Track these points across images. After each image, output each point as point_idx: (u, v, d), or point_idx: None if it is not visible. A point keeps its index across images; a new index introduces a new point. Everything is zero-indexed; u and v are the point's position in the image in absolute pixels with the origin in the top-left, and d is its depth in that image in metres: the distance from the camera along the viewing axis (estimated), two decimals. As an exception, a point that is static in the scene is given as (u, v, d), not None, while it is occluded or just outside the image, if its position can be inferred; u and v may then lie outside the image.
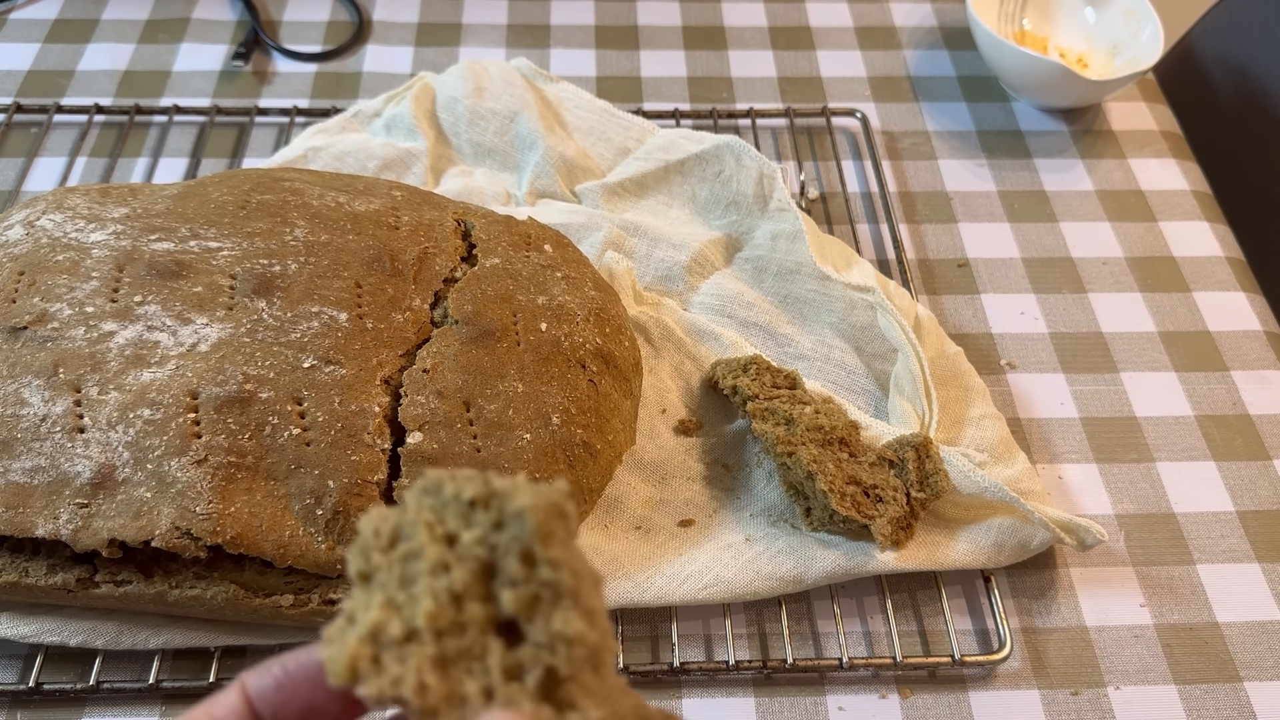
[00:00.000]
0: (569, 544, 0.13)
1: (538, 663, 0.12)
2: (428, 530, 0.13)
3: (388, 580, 0.13)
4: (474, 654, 0.13)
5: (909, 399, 0.31)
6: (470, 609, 0.13)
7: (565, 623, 0.12)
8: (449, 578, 0.13)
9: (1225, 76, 0.47)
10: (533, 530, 0.12)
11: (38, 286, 0.28)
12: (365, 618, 0.13)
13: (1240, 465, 0.33)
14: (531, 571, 0.13)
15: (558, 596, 0.12)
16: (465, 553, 0.13)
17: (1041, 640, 0.29)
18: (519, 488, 0.13)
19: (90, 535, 0.25)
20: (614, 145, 0.39)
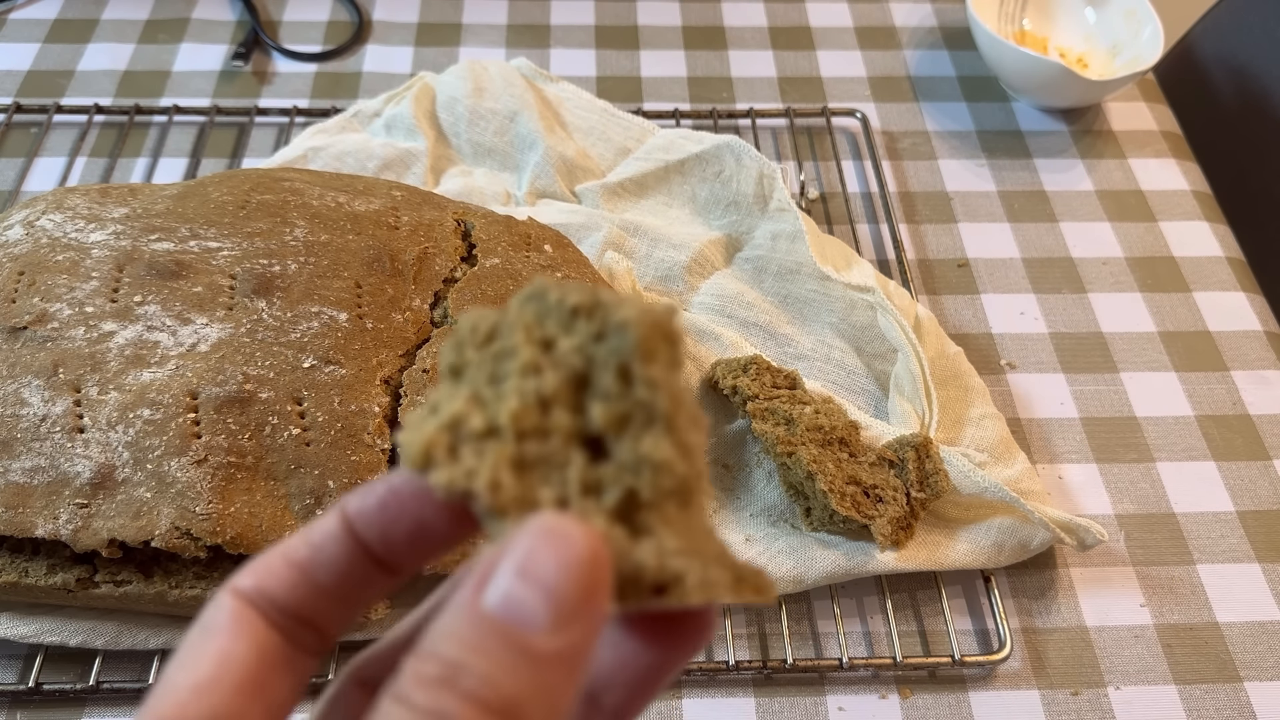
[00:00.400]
0: (671, 369, 0.12)
1: (619, 483, 0.12)
2: (525, 332, 0.12)
3: (477, 377, 0.13)
4: (554, 463, 0.12)
5: (909, 399, 0.31)
6: (557, 416, 0.12)
7: (654, 446, 0.12)
8: (539, 380, 0.12)
9: (1225, 76, 0.47)
10: (634, 345, 0.12)
11: (38, 286, 0.28)
12: (448, 408, 0.12)
13: (1240, 465, 0.33)
14: (626, 388, 0.12)
15: (650, 419, 0.12)
16: (560, 360, 0.12)
17: (1041, 640, 0.28)
18: (627, 300, 0.12)
19: (90, 535, 0.25)
20: (614, 145, 0.39)
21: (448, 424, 0.12)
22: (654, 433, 0.12)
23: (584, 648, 0.10)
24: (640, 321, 0.12)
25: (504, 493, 0.12)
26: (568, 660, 0.10)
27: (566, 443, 0.12)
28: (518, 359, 0.12)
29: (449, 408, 0.12)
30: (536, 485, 0.12)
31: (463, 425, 0.12)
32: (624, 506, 0.12)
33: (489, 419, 0.12)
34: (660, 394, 0.12)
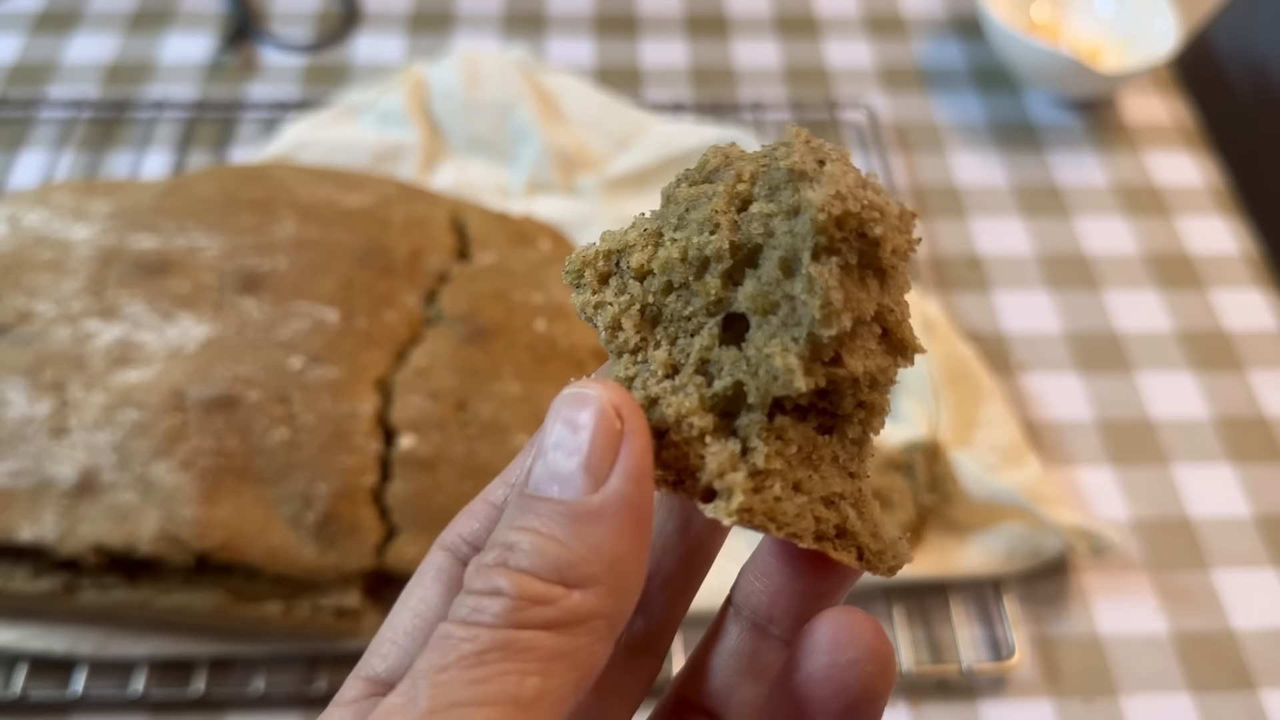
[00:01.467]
0: (850, 273, 0.11)
1: (733, 373, 0.11)
2: (734, 181, 0.12)
3: (670, 212, 0.12)
4: (687, 325, 0.11)
5: (918, 400, 0.30)
6: (709, 280, 0.11)
7: (780, 350, 0.11)
8: (710, 237, 0.11)
9: (1243, 69, 0.45)
10: (807, 231, 0.11)
11: (21, 285, 0.27)
12: (621, 232, 0.12)
13: (1258, 468, 0.32)
14: (786, 278, 0.11)
15: (795, 319, 0.11)
16: (745, 223, 0.11)
17: (1053, 648, 0.28)
18: (837, 178, 0.11)
19: (75, 540, 0.24)
20: (613, 138, 0.38)
21: (611, 250, 0.12)
22: (789, 336, 0.11)
23: (629, 500, 0.10)
24: (823, 206, 0.10)
25: (620, 336, 0.12)
26: (613, 515, 0.10)
27: (710, 310, 0.11)
28: (707, 208, 0.12)
29: (626, 234, 0.12)
30: (659, 340, 0.12)
31: (624, 256, 0.12)
32: (731, 400, 0.11)
33: (646, 259, 0.12)
34: (816, 297, 0.11)
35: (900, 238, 0.11)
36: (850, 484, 0.12)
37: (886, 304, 0.12)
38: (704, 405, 0.11)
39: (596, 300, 0.12)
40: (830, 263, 0.11)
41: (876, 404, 0.12)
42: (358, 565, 0.25)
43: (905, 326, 0.12)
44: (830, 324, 0.11)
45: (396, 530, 0.25)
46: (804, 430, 0.11)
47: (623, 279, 0.12)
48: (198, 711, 0.26)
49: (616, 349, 0.12)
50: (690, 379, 0.11)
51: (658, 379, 0.11)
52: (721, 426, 0.11)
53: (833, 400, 0.12)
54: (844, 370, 0.11)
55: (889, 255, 0.11)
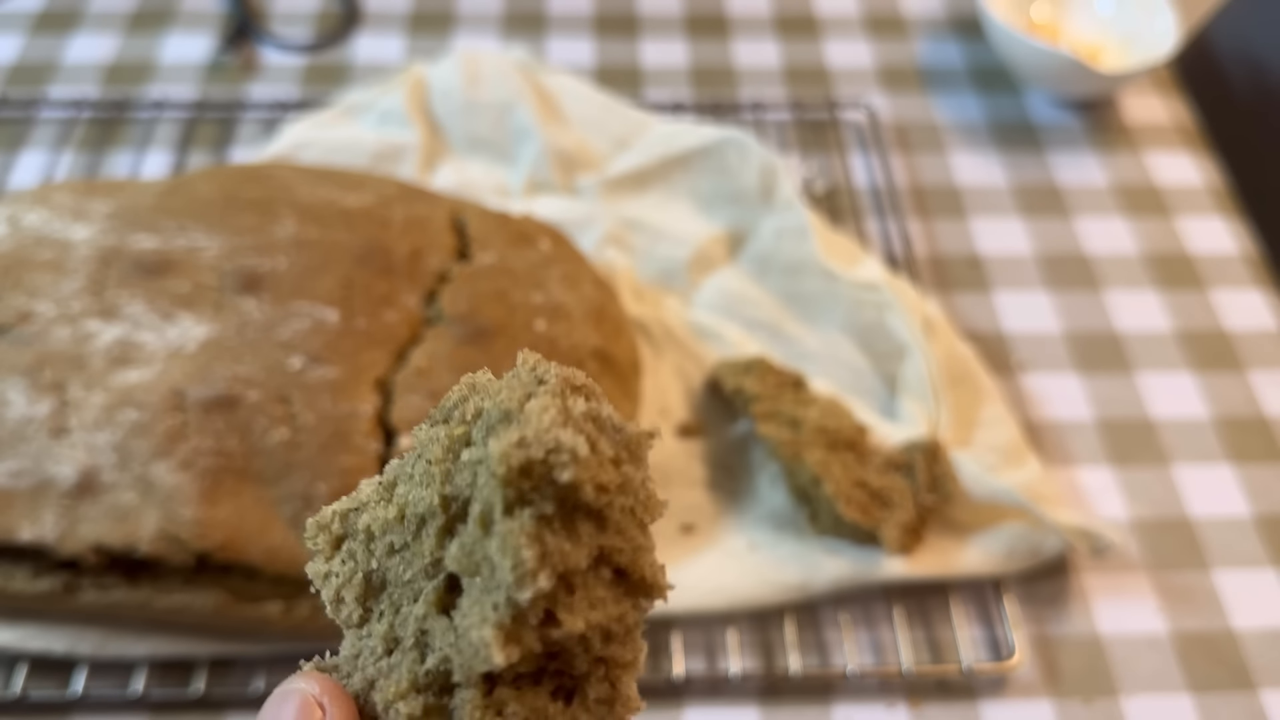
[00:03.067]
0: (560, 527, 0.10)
1: (441, 649, 0.10)
2: (457, 423, 0.11)
3: (406, 461, 0.11)
4: (410, 592, 0.11)
5: (918, 400, 0.30)
6: (423, 541, 0.11)
7: (478, 622, 0.10)
8: (425, 492, 0.11)
9: (1243, 68, 0.45)
10: (495, 485, 0.10)
11: (21, 285, 0.27)
12: (360, 491, 0.11)
13: (1258, 468, 0.32)
14: (483, 535, 0.10)
15: (494, 583, 0.10)
16: (458, 473, 0.11)
17: (1053, 649, 0.28)
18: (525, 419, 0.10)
19: (75, 540, 0.24)
20: (613, 138, 0.38)
21: (348, 510, 0.11)
22: (489, 602, 0.10)
23: None
24: (503, 457, 0.10)
25: (344, 610, 0.11)
26: None
27: (428, 573, 0.11)
28: (425, 458, 0.11)
29: (363, 490, 0.11)
30: (382, 611, 0.11)
31: (357, 516, 0.11)
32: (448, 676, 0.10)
33: (372, 519, 0.11)
34: (507, 557, 0.10)
35: (611, 473, 0.10)
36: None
37: (612, 544, 0.10)
38: (415, 686, 0.10)
39: (325, 570, 0.11)
40: (523, 516, 0.10)
41: (618, 657, 0.11)
42: (358, 565, 0.25)
43: (642, 563, 0.11)
44: (525, 585, 0.10)
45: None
46: (533, 700, 0.10)
47: (353, 542, 0.11)
48: (198, 711, 0.26)
49: (343, 623, 0.11)
50: (405, 655, 0.10)
51: (377, 657, 0.11)
52: (437, 709, 0.10)
53: (565, 660, 0.11)
54: (562, 630, 0.10)
55: (595, 496, 0.10)
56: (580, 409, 0.10)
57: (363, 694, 0.11)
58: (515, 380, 0.11)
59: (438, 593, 0.11)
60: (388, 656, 0.11)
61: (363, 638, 0.11)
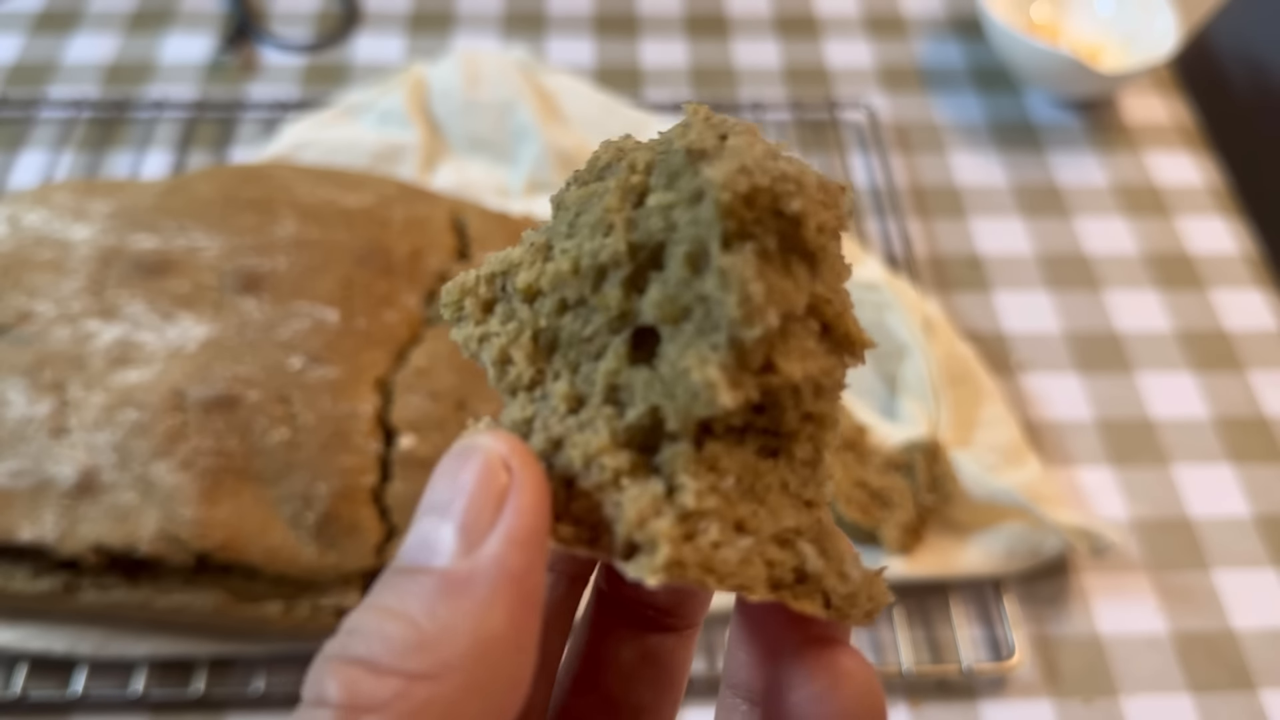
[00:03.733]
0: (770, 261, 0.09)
1: (648, 397, 0.09)
2: (627, 173, 0.10)
3: (561, 220, 0.10)
4: (588, 348, 0.10)
5: (917, 400, 0.30)
6: (606, 293, 0.09)
7: (698, 362, 0.09)
8: (604, 242, 0.09)
9: (1243, 68, 0.45)
10: (711, 218, 0.09)
11: (21, 285, 0.27)
12: (506, 252, 0.10)
13: (1258, 468, 0.32)
14: (694, 275, 0.09)
15: (711, 323, 0.09)
16: (642, 220, 0.09)
17: (1053, 648, 0.28)
18: (735, 151, 0.09)
19: (75, 540, 0.24)
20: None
21: (495, 273, 0.10)
22: (707, 344, 0.09)
23: (507, 566, 0.08)
24: (727, 184, 0.09)
25: (511, 371, 0.10)
26: (484, 585, 0.08)
27: (613, 327, 0.09)
28: (598, 209, 0.10)
29: (511, 253, 0.10)
30: (558, 371, 0.10)
31: (510, 277, 0.10)
32: (648, 430, 0.09)
33: (534, 277, 0.10)
34: (731, 292, 0.09)
35: (827, 213, 0.09)
36: (807, 515, 0.10)
37: (821, 293, 0.10)
38: (616, 441, 0.09)
39: (480, 333, 0.10)
40: (745, 250, 0.09)
41: (825, 415, 0.10)
42: (358, 565, 0.25)
43: (848, 318, 0.10)
44: (753, 322, 0.09)
45: (397, 530, 0.25)
46: (743, 456, 0.09)
47: (510, 304, 0.10)
48: (198, 711, 0.26)
49: (508, 387, 0.10)
50: (598, 412, 0.09)
51: (560, 417, 0.10)
52: (641, 464, 0.09)
53: (773, 416, 0.10)
54: (780, 377, 0.09)
55: (815, 234, 0.09)
56: (783, 151, 0.09)
57: (546, 455, 0.10)
58: (692, 127, 0.10)
59: (626, 346, 0.10)
60: (573, 415, 0.10)
61: (536, 400, 0.10)
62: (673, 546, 0.09)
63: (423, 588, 0.08)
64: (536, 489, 0.09)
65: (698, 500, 0.09)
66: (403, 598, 0.08)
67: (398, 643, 0.08)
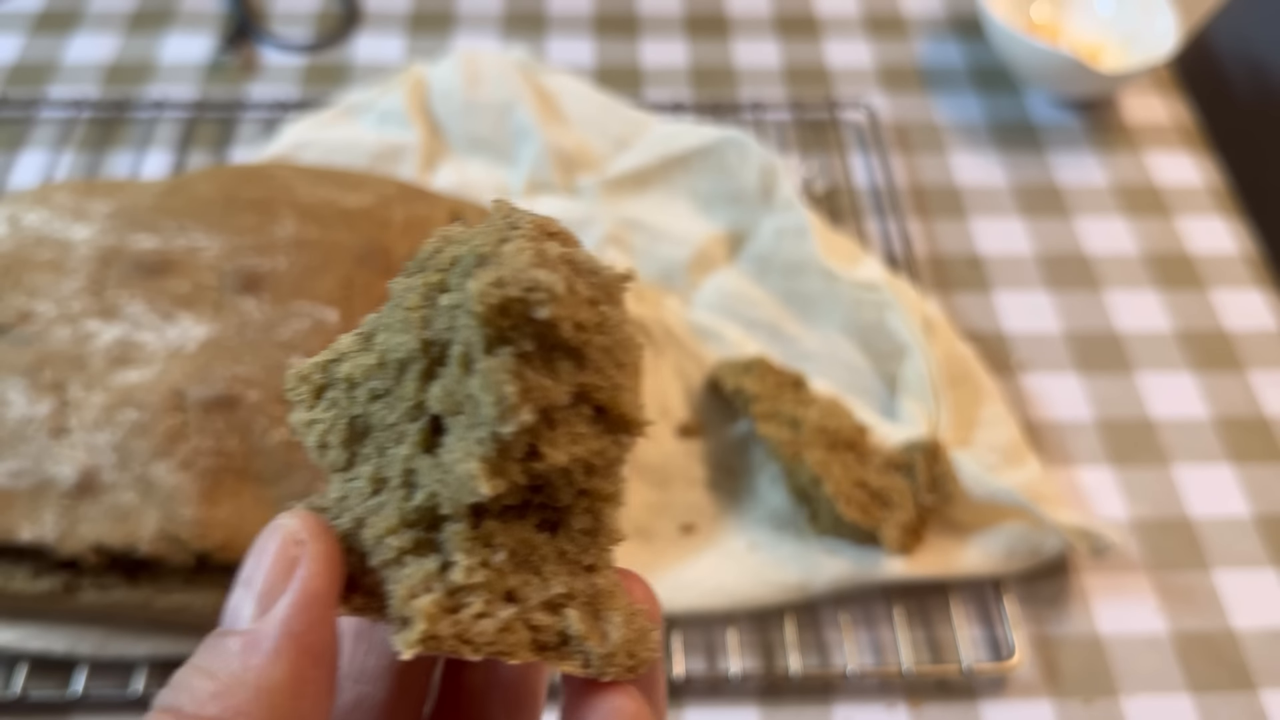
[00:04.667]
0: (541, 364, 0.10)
1: (428, 485, 0.10)
2: (435, 268, 0.11)
3: (384, 312, 0.11)
4: (394, 435, 0.11)
5: (918, 400, 0.30)
6: (405, 386, 0.11)
7: (463, 455, 0.10)
8: (403, 337, 0.11)
9: (1243, 69, 0.46)
10: (474, 323, 0.10)
11: (21, 285, 0.27)
12: (338, 343, 0.11)
13: (1258, 468, 0.32)
14: (464, 375, 0.10)
15: (476, 420, 0.10)
16: (436, 317, 0.10)
17: (1053, 649, 0.28)
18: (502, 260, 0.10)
19: (75, 540, 0.24)
20: (613, 138, 0.38)
21: (328, 360, 0.11)
22: (474, 438, 0.10)
23: (289, 626, 0.10)
24: (481, 296, 0.10)
25: (328, 455, 0.11)
26: (269, 641, 0.10)
27: (411, 415, 0.11)
28: (403, 306, 0.11)
29: (343, 340, 0.11)
30: (368, 455, 0.11)
31: (336, 365, 0.11)
32: (429, 515, 0.10)
33: (353, 367, 0.11)
34: (489, 393, 0.10)
35: (589, 312, 0.10)
36: (584, 580, 0.11)
37: (591, 382, 0.11)
38: (404, 521, 0.10)
39: (308, 418, 0.11)
40: (504, 354, 0.10)
41: (601, 490, 0.11)
42: (358, 565, 0.25)
43: (624, 401, 0.11)
44: (508, 420, 0.10)
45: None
46: (519, 531, 0.11)
47: (336, 391, 0.11)
48: (198, 711, 0.26)
49: (328, 468, 0.11)
50: (393, 494, 0.11)
51: (365, 498, 0.11)
52: (426, 541, 0.10)
53: (549, 493, 0.11)
54: (545, 463, 0.10)
55: (573, 333, 0.10)
56: (556, 251, 0.10)
57: (351, 533, 0.11)
58: (490, 227, 0.11)
59: (422, 434, 0.11)
60: (375, 496, 0.11)
61: (348, 480, 0.11)
62: (428, 622, 0.10)
63: (226, 648, 0.10)
64: (320, 559, 0.10)
65: (467, 575, 0.10)
66: (211, 656, 0.10)
67: (200, 693, 0.09)
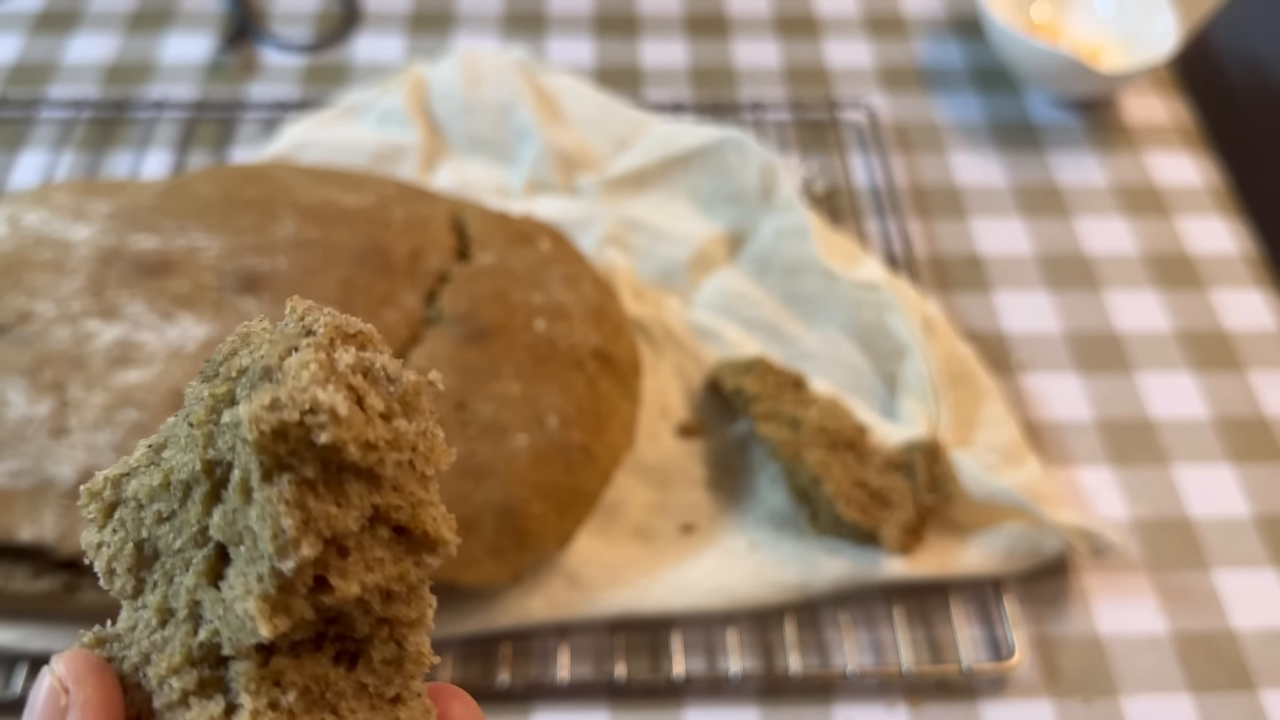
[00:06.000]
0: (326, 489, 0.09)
1: (211, 622, 0.10)
2: (224, 378, 0.10)
3: (176, 422, 0.11)
4: (181, 562, 0.10)
5: (918, 400, 0.30)
6: (189, 509, 0.10)
7: (243, 597, 0.09)
8: (188, 459, 0.10)
9: (1243, 69, 0.46)
10: (250, 451, 0.09)
11: (21, 285, 0.27)
12: (131, 455, 0.11)
13: (1258, 468, 0.32)
14: (243, 504, 0.09)
15: (256, 554, 0.09)
16: (220, 435, 0.10)
17: (1053, 649, 0.28)
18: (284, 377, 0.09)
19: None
20: (613, 138, 0.38)
21: (120, 475, 0.11)
22: (254, 573, 0.09)
23: None
24: (255, 421, 0.09)
25: (117, 582, 0.10)
26: None
27: (197, 541, 0.10)
28: (189, 420, 0.10)
29: (135, 452, 0.11)
30: (155, 582, 0.10)
31: (126, 482, 0.11)
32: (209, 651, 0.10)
33: (139, 486, 0.10)
34: (266, 526, 0.09)
35: (380, 429, 0.09)
36: (385, 715, 0.10)
37: (389, 502, 0.10)
38: (189, 659, 0.10)
39: (97, 540, 0.11)
40: (282, 482, 0.09)
41: (401, 617, 0.10)
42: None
43: (423, 518, 0.10)
44: (288, 554, 0.09)
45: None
46: (313, 667, 0.10)
47: (125, 510, 0.11)
48: (198, 712, 0.26)
49: (117, 595, 0.11)
50: (179, 628, 0.10)
51: (152, 630, 0.10)
52: (213, 680, 0.10)
53: (345, 624, 0.10)
54: (335, 596, 0.10)
55: (362, 455, 0.09)
56: (348, 360, 0.10)
57: (140, 667, 0.10)
58: (281, 333, 0.10)
59: (208, 562, 0.10)
60: (162, 629, 0.10)
61: (137, 609, 0.11)
62: None
63: None
64: (91, 708, 0.10)
65: (253, 719, 0.09)
66: None
67: None
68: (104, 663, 0.10)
